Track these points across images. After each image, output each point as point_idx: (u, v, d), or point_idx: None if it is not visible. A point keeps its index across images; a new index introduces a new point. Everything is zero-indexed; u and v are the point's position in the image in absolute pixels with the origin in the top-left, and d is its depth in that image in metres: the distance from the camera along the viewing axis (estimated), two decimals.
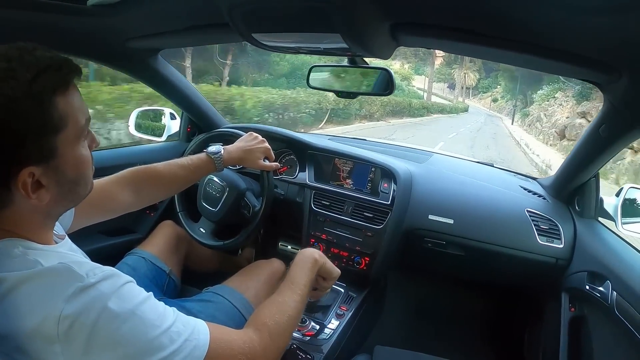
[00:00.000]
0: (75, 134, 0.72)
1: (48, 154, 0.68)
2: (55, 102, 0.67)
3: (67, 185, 0.74)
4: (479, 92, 70.87)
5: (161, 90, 1.96)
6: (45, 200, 0.70)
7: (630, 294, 1.21)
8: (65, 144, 0.70)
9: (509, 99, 50.84)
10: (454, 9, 0.84)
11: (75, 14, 1.17)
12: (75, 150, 0.73)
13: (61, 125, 0.68)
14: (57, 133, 0.68)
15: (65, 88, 0.69)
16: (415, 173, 1.87)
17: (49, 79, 0.66)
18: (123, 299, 0.68)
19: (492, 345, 2.22)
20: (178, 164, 1.34)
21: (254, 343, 0.83)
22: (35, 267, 0.67)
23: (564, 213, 1.69)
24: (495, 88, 64.42)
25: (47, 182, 0.69)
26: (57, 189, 0.72)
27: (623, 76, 0.90)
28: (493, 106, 59.96)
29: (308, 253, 1.18)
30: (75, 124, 0.71)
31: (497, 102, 60.50)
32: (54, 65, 0.67)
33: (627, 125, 1.16)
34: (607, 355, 1.38)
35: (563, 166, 1.66)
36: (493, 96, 63.45)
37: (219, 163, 1.40)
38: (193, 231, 1.78)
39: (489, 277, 1.99)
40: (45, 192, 0.70)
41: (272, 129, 2.02)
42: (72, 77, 0.70)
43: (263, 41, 1.08)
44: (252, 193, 1.78)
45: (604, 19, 0.70)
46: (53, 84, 0.67)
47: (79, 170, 0.75)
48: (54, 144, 0.68)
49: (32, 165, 0.66)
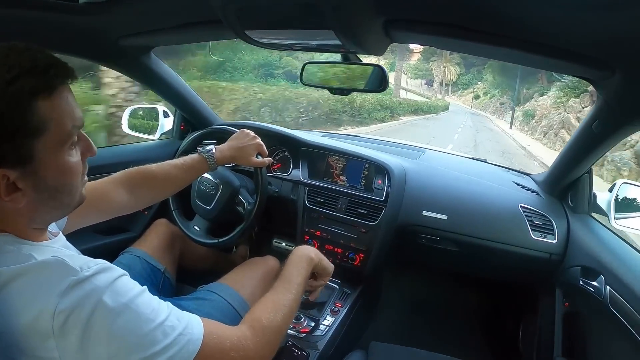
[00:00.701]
0: (59, 139, 0.70)
1: (24, 157, 0.66)
2: (36, 106, 0.65)
3: (47, 192, 0.72)
4: (459, 89, 66.28)
5: (154, 88, 1.96)
6: (21, 204, 0.69)
7: (624, 288, 1.22)
8: (45, 149, 0.68)
9: (493, 96, 47.24)
10: (447, 5, 0.84)
11: (67, 12, 1.16)
12: (58, 157, 0.71)
13: (41, 130, 0.67)
14: (35, 137, 0.66)
15: (49, 92, 0.67)
16: (409, 169, 1.87)
17: (29, 81, 0.64)
18: (117, 293, 0.67)
19: (487, 340, 2.23)
20: (171, 165, 1.34)
21: (247, 339, 0.83)
22: (28, 261, 0.67)
23: (558, 208, 1.70)
24: (476, 84, 59.97)
25: (24, 186, 0.68)
26: (35, 194, 0.70)
27: (616, 73, 0.90)
28: (475, 103, 55.62)
29: (303, 251, 1.17)
30: (59, 130, 0.69)
31: (479, 99, 55.71)
32: (40, 67, 0.66)
33: (620, 121, 1.16)
34: (601, 349, 1.39)
35: (556, 162, 1.66)
36: (475, 92, 58.87)
37: (212, 162, 1.40)
38: (187, 229, 1.78)
39: (483, 273, 2.00)
40: (22, 195, 0.68)
41: (265, 126, 2.02)
42: (59, 80, 0.69)
43: (256, 38, 1.08)
44: (246, 190, 1.78)
45: (597, 15, 0.70)
46: (33, 87, 0.65)
47: (62, 178, 0.73)
48: (30, 148, 0.67)
49: (6, 168, 0.65)
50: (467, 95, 62.45)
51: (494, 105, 43.62)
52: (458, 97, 65.62)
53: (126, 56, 1.62)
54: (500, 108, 40.28)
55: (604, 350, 1.37)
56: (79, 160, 0.76)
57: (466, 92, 63.96)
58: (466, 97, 61.93)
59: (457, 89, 67.20)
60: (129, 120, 2.16)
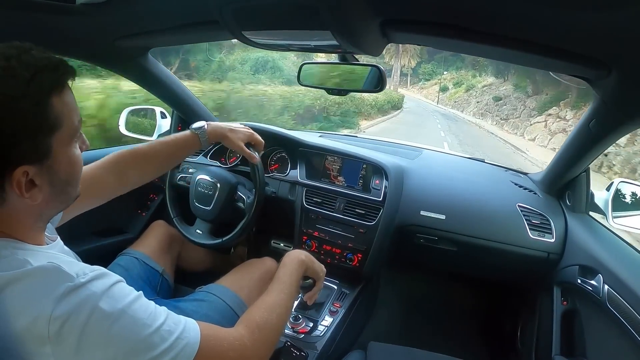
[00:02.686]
0: (69, 134, 0.72)
1: (43, 153, 0.68)
2: (52, 102, 0.67)
3: (59, 186, 0.74)
4: (420, 80, 55.26)
5: (151, 89, 1.95)
6: (38, 200, 0.70)
7: (622, 287, 1.22)
8: (59, 144, 0.70)
9: (470, 88, 35.37)
10: (443, 5, 0.84)
11: (65, 13, 1.16)
12: (68, 151, 0.73)
13: (56, 126, 0.69)
14: (52, 133, 0.68)
15: (61, 89, 0.70)
16: (407, 169, 1.88)
17: (46, 79, 0.66)
18: (114, 299, 0.67)
19: (486, 339, 2.24)
20: (161, 142, 1.34)
21: (244, 340, 0.84)
22: (24, 266, 0.66)
23: (555, 208, 1.71)
24: (441, 74, 48.53)
25: (41, 182, 0.70)
26: (49, 188, 0.72)
27: (613, 72, 0.90)
28: (442, 97, 43.78)
29: (294, 254, 1.20)
30: (69, 125, 0.72)
31: (446, 91, 43.82)
32: (51, 65, 0.68)
33: (617, 120, 1.17)
34: (600, 347, 1.39)
35: (554, 161, 1.67)
36: (442, 84, 46.13)
37: (204, 137, 1.38)
38: (190, 234, 1.77)
39: (482, 272, 2.00)
40: (38, 191, 0.70)
41: (263, 126, 2.02)
42: (67, 77, 0.71)
43: (253, 39, 1.08)
44: (243, 187, 1.79)
45: (594, 15, 0.70)
46: (50, 84, 0.67)
47: (71, 171, 0.76)
48: (49, 144, 0.69)
49: (27, 165, 0.66)
50: (429, 87, 52.07)
51: (474, 101, 31.74)
52: (419, 89, 55.83)
53: (123, 57, 1.61)
54: (495, 107, 27.70)
55: (602, 348, 1.37)
56: (80, 153, 0.78)
57: (429, 83, 53.66)
58: (429, 90, 51.08)
59: (419, 80, 57.32)
60: (126, 121, 2.15)
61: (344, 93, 1.41)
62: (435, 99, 45.30)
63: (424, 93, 51.75)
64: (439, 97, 44.94)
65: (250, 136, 1.51)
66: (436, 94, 46.25)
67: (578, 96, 18.22)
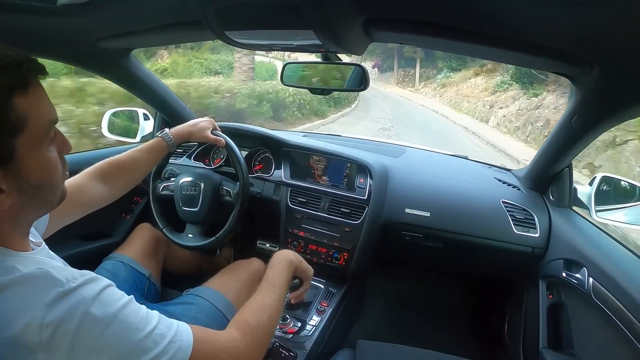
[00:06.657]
0: (38, 136, 0.68)
1: (5, 157, 0.65)
2: (13, 102, 0.64)
3: (31, 191, 0.70)
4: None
5: (133, 90, 1.94)
6: (6, 206, 0.67)
7: (606, 279, 1.24)
8: (25, 147, 0.66)
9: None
10: (426, 3, 0.84)
11: (45, 14, 1.14)
12: (38, 154, 0.69)
13: (19, 127, 0.65)
14: (14, 135, 0.65)
15: (25, 87, 0.66)
16: (391, 167, 1.88)
17: (5, 78, 0.63)
18: (105, 304, 0.67)
19: (473, 333, 2.25)
20: (136, 150, 1.39)
21: (237, 342, 0.83)
22: (13, 273, 0.65)
23: (539, 203, 1.72)
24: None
25: (7, 187, 0.66)
26: (19, 194, 0.68)
27: (594, 69, 0.91)
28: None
29: (284, 254, 1.20)
30: (37, 126, 0.68)
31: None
32: (13, 63, 0.64)
33: (599, 116, 1.19)
34: (586, 338, 1.41)
35: (537, 157, 1.68)
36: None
37: (170, 141, 1.45)
38: (183, 240, 1.74)
39: (468, 268, 2.02)
40: (6, 197, 0.66)
41: (246, 127, 2.01)
42: (32, 75, 0.67)
43: (236, 39, 1.07)
44: (227, 181, 1.78)
45: (576, 12, 0.71)
46: (10, 83, 0.64)
47: (44, 176, 0.72)
48: (11, 147, 0.65)
49: None
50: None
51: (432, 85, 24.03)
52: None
53: (105, 59, 1.60)
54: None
55: (588, 340, 1.39)
56: (57, 156, 0.74)
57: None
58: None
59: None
60: (108, 123, 2.13)
61: (327, 92, 1.42)
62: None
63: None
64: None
65: (212, 123, 1.59)
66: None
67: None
